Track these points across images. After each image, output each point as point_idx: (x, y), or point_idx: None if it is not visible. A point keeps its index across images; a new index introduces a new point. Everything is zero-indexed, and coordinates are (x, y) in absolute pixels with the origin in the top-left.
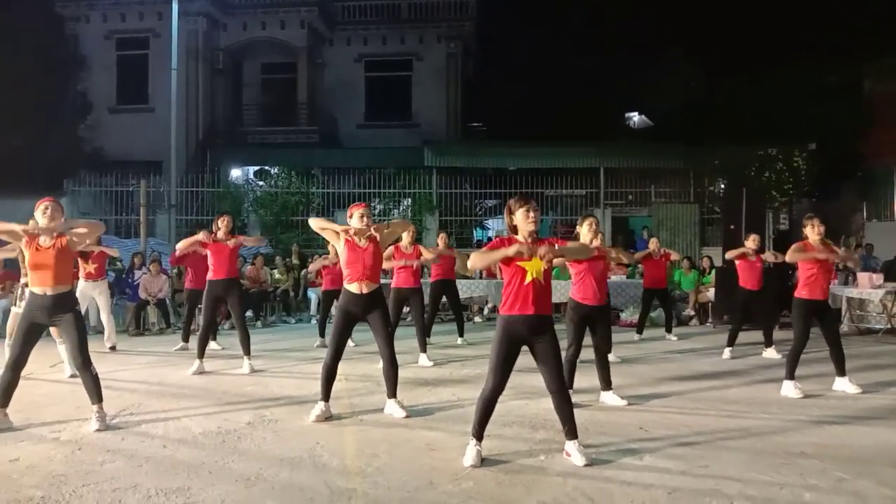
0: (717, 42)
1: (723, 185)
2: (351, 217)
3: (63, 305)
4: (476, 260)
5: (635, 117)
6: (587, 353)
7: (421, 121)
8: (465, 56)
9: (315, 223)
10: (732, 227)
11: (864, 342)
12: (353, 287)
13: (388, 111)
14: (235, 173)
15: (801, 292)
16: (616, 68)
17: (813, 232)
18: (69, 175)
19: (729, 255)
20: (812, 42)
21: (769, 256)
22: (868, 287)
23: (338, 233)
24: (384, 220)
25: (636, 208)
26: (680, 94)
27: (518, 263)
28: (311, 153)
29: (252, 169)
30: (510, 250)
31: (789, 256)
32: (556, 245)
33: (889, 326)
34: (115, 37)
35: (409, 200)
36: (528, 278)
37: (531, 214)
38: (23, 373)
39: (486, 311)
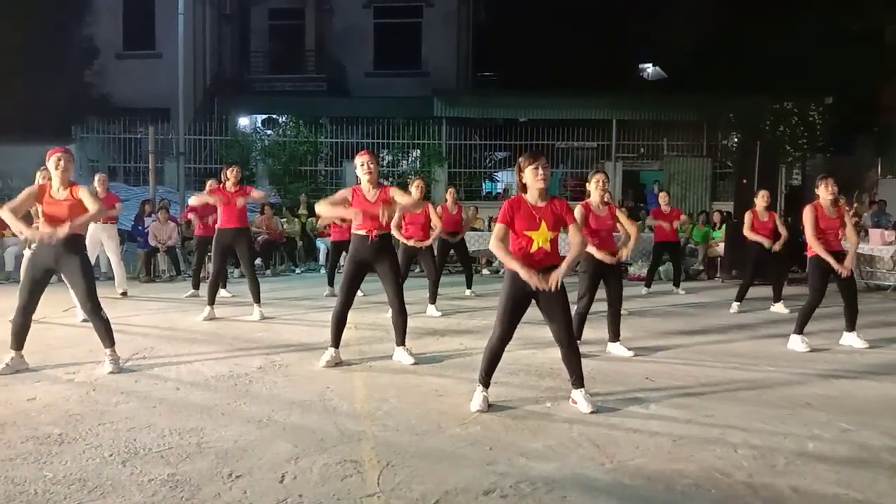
0: None
1: (736, 139)
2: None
3: (71, 247)
4: (495, 252)
5: (650, 68)
6: (596, 306)
7: (431, 69)
8: (476, 2)
9: (324, 210)
10: (745, 181)
11: (872, 298)
12: (362, 232)
13: (397, 59)
14: (243, 122)
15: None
16: (631, 16)
17: (826, 192)
18: (77, 121)
19: (750, 235)
20: None
21: (776, 247)
22: (879, 243)
23: (347, 199)
24: (392, 172)
25: (647, 162)
26: (696, 42)
27: (525, 232)
28: (318, 102)
29: (260, 117)
30: (522, 273)
31: (809, 238)
32: (565, 260)
33: None
34: None
35: (418, 151)
36: (535, 247)
37: (540, 172)
38: (36, 317)
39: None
